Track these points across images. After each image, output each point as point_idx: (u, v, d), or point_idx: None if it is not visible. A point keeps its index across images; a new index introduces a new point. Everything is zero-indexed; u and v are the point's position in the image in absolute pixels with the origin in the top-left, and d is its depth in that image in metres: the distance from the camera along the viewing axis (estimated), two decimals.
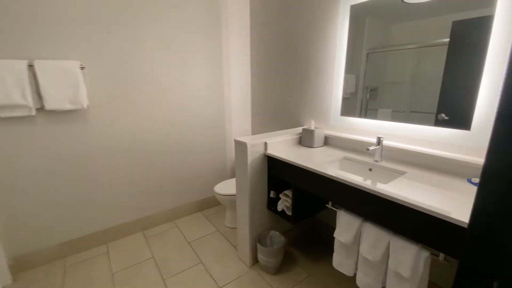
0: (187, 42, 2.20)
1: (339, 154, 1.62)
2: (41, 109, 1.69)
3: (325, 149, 1.75)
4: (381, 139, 1.41)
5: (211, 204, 2.69)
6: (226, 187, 2.23)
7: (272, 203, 1.80)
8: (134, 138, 2.10)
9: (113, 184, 2.07)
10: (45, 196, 1.81)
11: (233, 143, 2.70)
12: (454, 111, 1.23)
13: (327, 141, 1.85)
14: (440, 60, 1.24)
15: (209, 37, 2.32)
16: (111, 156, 2.02)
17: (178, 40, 2.16)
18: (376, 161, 1.44)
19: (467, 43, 1.15)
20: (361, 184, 1.12)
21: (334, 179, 1.23)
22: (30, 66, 1.59)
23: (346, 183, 1.18)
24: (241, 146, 1.64)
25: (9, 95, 1.53)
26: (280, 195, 1.72)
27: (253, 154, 1.63)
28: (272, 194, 1.77)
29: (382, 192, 1.04)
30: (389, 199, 1.02)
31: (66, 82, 1.68)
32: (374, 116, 1.59)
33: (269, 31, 2.30)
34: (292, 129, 2.04)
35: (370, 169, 1.45)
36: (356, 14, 1.59)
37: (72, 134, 1.83)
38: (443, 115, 1.28)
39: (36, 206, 1.80)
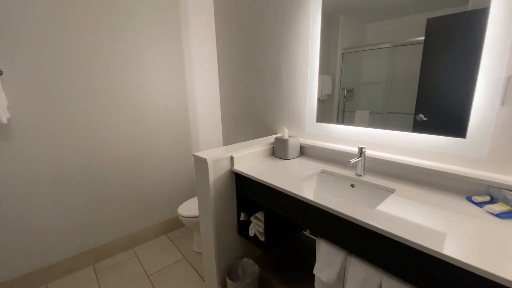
0: (140, 44, 1.90)
1: (316, 166, 1.40)
2: None
3: (300, 161, 1.52)
4: (363, 149, 1.21)
5: (177, 225, 2.37)
6: (191, 207, 1.94)
7: (243, 227, 1.54)
8: (78, 157, 1.75)
9: (51, 213, 1.70)
10: None
11: None
12: (434, 112, 1.13)
13: (303, 151, 1.63)
14: (417, 59, 1.14)
15: (167, 39, 2.03)
16: (47, 179, 1.66)
17: (129, 41, 1.85)
18: (359, 175, 1.24)
19: (447, 40, 1.02)
20: (343, 212, 0.89)
21: (311, 203, 1.00)
22: None
23: (325, 209, 0.95)
24: (201, 163, 1.36)
25: None
26: (252, 218, 1.47)
27: (217, 170, 1.37)
28: (242, 217, 1.51)
29: (369, 223, 0.82)
30: (378, 232, 0.80)
31: None
32: (352, 119, 1.44)
33: (236, 33, 2.07)
34: (265, 138, 1.80)
35: (352, 185, 1.24)
36: (329, 13, 1.44)
37: None
38: (421, 115, 1.18)
39: None
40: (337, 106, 1.50)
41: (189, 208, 1.92)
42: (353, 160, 1.17)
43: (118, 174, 1.95)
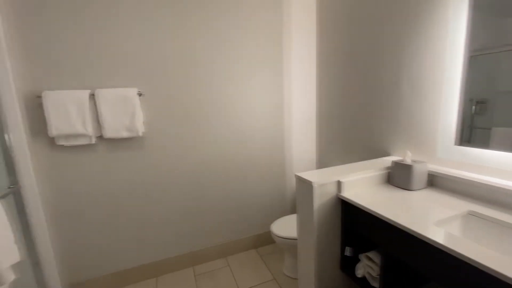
0: (245, 60, 1.99)
1: (458, 205, 1.06)
2: (100, 137, 1.68)
3: (429, 194, 1.20)
4: None
5: (267, 242, 2.33)
6: (285, 227, 1.84)
7: (347, 264, 1.32)
8: (188, 166, 1.95)
9: (166, 213, 1.94)
10: (101, 222, 1.78)
11: (293, 172, 2.32)
12: None
13: (433, 181, 1.29)
14: None
15: (269, 53, 2.06)
16: (164, 184, 1.90)
17: (233, 61, 1.96)
18: None
19: None
20: None
21: (470, 262, 0.72)
22: (92, 95, 1.60)
23: (487, 271, 0.66)
24: (304, 186, 1.25)
25: (73, 125, 1.55)
26: (361, 256, 1.24)
27: (323, 196, 1.22)
28: (348, 252, 1.29)
29: None
30: None
31: (123, 110, 1.64)
32: (485, 138, 1.12)
33: (342, 43, 1.91)
34: (375, 160, 1.53)
35: None
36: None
37: (128, 162, 1.78)
38: None
39: (94, 231, 1.77)
40: (460, 122, 1.20)
41: (283, 228, 1.84)
42: None
43: (216, 184, 2.07)
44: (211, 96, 1.94)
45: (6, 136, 1.42)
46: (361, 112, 1.79)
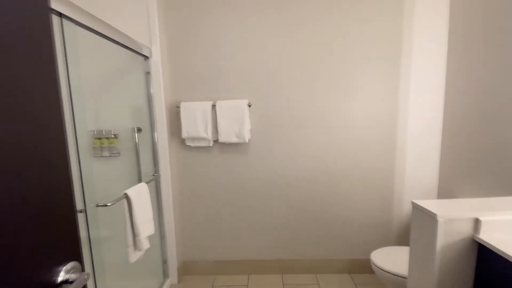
0: (350, 63, 1.88)
1: None
2: (216, 141, 1.96)
3: None
4: None
5: (364, 269, 2.08)
6: (389, 259, 1.59)
7: None
8: (287, 176, 2.00)
9: (264, 217, 2.06)
10: (209, 213, 2.06)
11: (403, 198, 1.99)
12: None
13: None
14: None
15: (383, 50, 1.86)
16: (264, 189, 2.03)
17: (347, 74, 1.89)
18: None
19: None
20: None
21: None
22: (213, 106, 1.89)
23: None
24: (425, 218, 1.04)
25: (198, 130, 1.88)
26: None
27: (449, 235, 0.99)
28: None
29: None
30: None
31: (235, 119, 1.86)
32: None
33: (492, 19, 1.52)
34: None
35: None
36: None
37: (235, 165, 2.00)
38: None
39: (203, 219, 2.08)
40: None
41: (385, 260, 1.60)
42: None
43: (315, 197, 2.02)
44: (314, 107, 1.93)
45: (154, 135, 1.87)
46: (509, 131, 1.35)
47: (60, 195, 0.56)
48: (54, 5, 0.96)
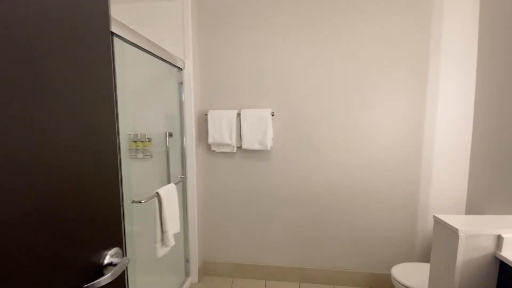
0: (381, 74, 1.90)
1: None
2: (239, 147, 2.06)
3: None
4: None
5: (384, 284, 2.02)
6: (411, 275, 1.56)
7: None
8: (309, 185, 2.04)
9: (283, 224, 2.10)
10: (231, 217, 2.15)
11: (429, 212, 1.93)
12: None
13: None
14: None
15: (412, 71, 1.86)
16: (285, 196, 2.07)
17: (371, 85, 1.91)
18: None
19: None
20: None
21: None
22: (238, 114, 2.00)
23: None
24: (446, 232, 1.04)
25: (223, 136, 2.00)
26: None
27: (470, 250, 0.97)
28: None
29: None
30: None
31: (258, 127, 1.95)
32: None
33: None
34: None
35: None
36: None
37: (257, 171, 2.08)
38: None
39: (224, 222, 2.17)
40: None
41: (407, 275, 1.56)
42: None
43: (336, 207, 2.03)
44: (337, 118, 1.96)
45: (184, 140, 2.02)
46: None
47: (110, 189, 0.68)
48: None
